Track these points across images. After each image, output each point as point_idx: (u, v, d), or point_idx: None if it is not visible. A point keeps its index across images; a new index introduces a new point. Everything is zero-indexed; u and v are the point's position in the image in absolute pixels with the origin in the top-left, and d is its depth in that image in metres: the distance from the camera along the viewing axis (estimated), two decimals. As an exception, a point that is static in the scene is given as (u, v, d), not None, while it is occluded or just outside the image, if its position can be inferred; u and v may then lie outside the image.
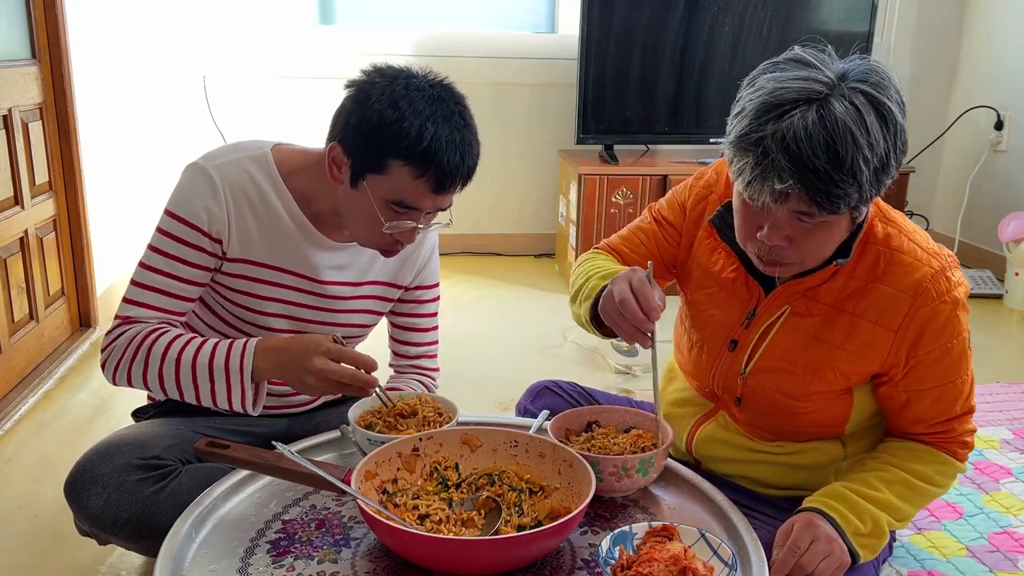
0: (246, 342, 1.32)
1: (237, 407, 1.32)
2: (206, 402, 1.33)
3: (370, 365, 1.28)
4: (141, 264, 1.37)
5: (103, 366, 1.37)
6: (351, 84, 1.31)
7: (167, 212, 1.36)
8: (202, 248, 1.36)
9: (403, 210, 1.30)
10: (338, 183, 1.33)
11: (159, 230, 1.36)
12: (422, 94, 1.26)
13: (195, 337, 1.34)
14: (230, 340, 1.33)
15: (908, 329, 1.24)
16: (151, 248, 1.36)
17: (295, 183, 1.39)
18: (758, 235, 1.19)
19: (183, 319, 1.41)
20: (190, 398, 1.33)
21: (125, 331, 1.34)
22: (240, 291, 1.41)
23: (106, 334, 1.37)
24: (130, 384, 1.36)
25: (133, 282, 1.37)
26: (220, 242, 1.37)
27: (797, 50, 1.17)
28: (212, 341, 1.33)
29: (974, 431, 1.33)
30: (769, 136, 1.09)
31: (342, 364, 1.27)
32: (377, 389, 1.31)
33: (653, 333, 1.22)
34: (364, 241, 1.38)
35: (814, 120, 1.07)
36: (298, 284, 1.43)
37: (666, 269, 1.50)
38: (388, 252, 1.39)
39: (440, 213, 1.36)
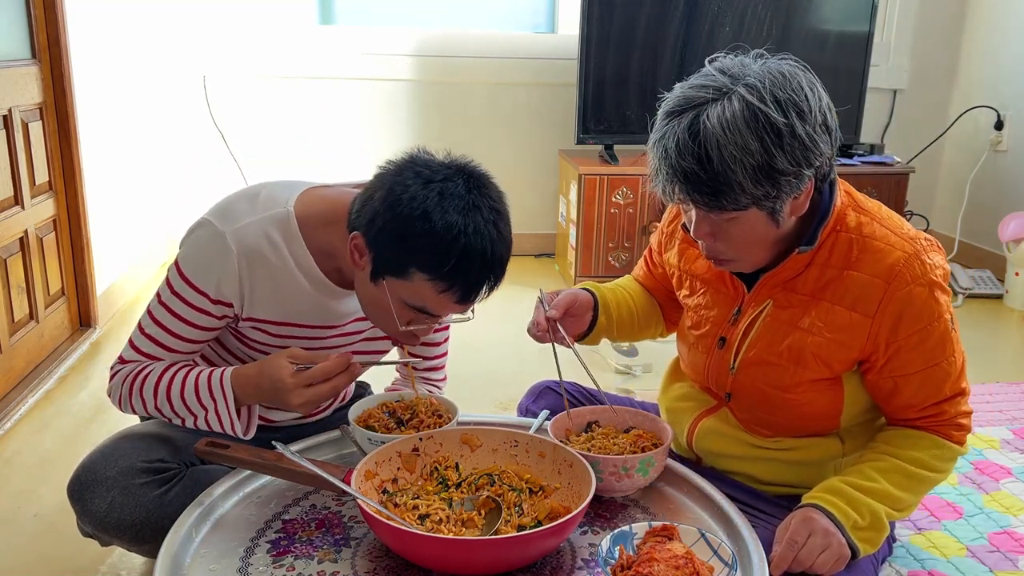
0: (222, 373, 1.29)
1: (230, 433, 1.30)
2: (204, 428, 1.31)
3: (339, 368, 1.24)
4: (148, 311, 1.34)
5: (110, 397, 1.37)
6: (383, 171, 1.24)
7: (178, 268, 1.31)
8: (208, 312, 1.31)
9: (422, 314, 1.25)
10: (359, 269, 1.26)
11: (168, 283, 1.32)
12: (457, 203, 1.17)
13: (180, 370, 1.31)
14: (210, 371, 1.30)
15: (885, 314, 1.24)
16: (159, 299, 1.33)
17: (318, 239, 1.32)
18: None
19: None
20: (190, 425, 1.33)
21: (120, 370, 1.35)
22: (255, 340, 1.38)
23: (110, 368, 1.37)
24: (136, 413, 1.38)
25: (139, 327, 1.35)
26: (231, 305, 1.32)
27: (721, 59, 1.21)
28: (194, 374, 1.30)
29: (970, 413, 1.32)
30: (653, 144, 1.20)
31: (316, 387, 1.24)
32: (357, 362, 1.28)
33: (554, 324, 1.41)
34: (379, 328, 1.35)
35: (683, 127, 1.15)
36: (314, 333, 1.39)
37: (672, 297, 1.56)
38: (402, 344, 1.34)
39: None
